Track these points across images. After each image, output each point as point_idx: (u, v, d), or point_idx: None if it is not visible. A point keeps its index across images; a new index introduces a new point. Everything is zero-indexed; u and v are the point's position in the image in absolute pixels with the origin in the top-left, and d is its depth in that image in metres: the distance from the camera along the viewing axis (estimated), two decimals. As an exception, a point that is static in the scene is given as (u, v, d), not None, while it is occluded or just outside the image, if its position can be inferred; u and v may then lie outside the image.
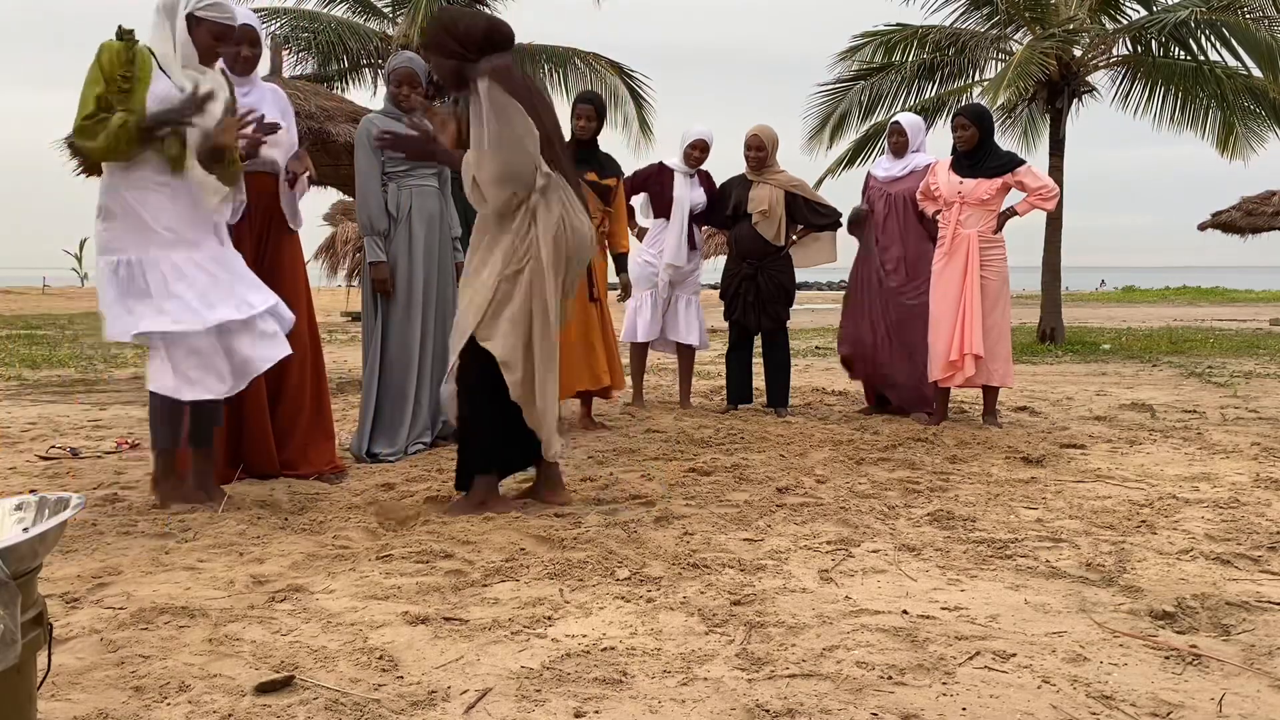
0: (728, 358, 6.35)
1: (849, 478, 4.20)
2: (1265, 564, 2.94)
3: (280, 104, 4.28)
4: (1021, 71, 10.80)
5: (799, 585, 2.73)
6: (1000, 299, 5.56)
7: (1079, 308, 24.89)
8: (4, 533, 1.59)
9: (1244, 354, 10.89)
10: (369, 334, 4.83)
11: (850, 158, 13.99)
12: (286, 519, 3.44)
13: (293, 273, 4.28)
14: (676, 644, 2.28)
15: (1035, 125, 13.71)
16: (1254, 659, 2.21)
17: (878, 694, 2.00)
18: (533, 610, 2.50)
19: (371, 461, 4.61)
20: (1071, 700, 1.99)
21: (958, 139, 5.62)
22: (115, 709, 1.94)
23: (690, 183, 6.14)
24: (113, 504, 3.68)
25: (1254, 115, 12.24)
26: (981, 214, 5.54)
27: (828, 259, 6.42)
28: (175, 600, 2.57)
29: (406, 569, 2.87)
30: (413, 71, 4.73)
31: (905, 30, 12.82)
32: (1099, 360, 10.46)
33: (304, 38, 12.68)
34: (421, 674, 2.12)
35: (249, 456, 4.17)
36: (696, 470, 4.29)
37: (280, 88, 4.38)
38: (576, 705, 1.96)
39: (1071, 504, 3.72)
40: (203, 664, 2.16)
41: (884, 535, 3.27)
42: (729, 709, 1.94)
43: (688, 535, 3.24)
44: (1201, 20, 11.46)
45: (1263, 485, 4.02)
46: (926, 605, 2.57)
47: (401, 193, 4.73)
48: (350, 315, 20.93)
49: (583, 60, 13.51)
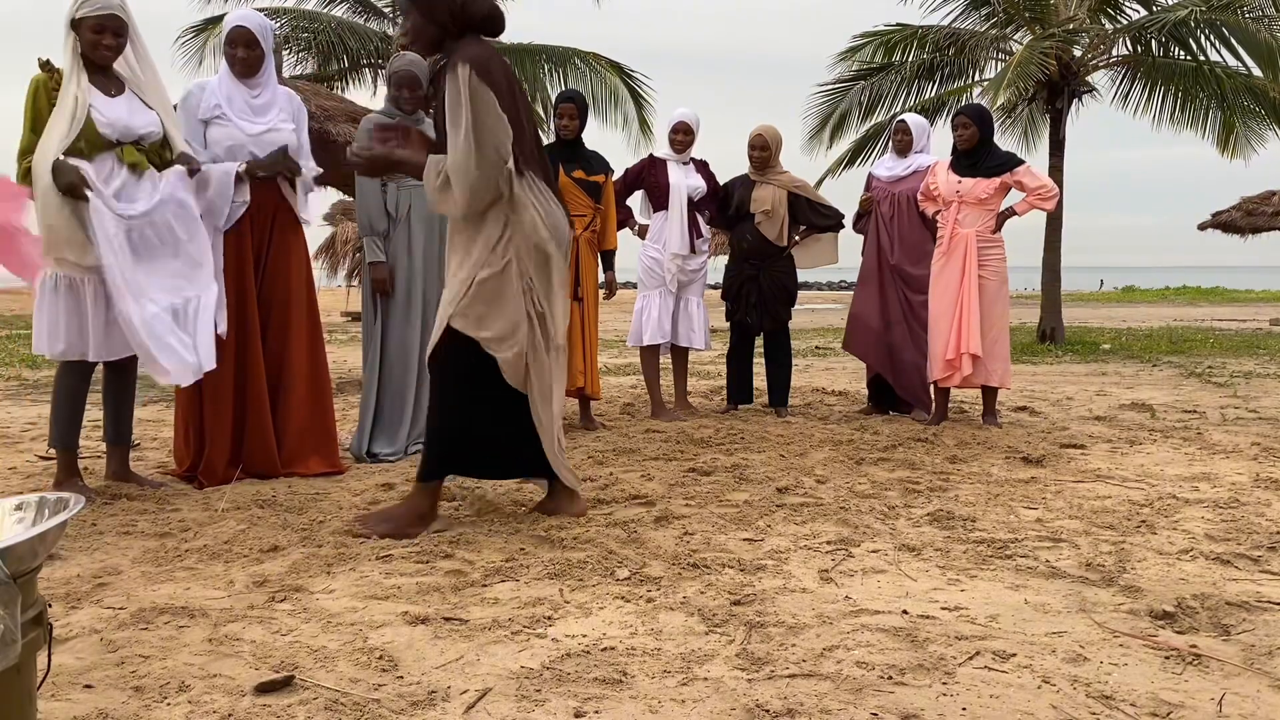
0: (728, 358, 6.34)
1: (849, 478, 4.20)
2: (1265, 564, 2.94)
3: (293, 107, 4.30)
4: (1021, 71, 10.81)
5: (799, 585, 2.73)
6: (999, 299, 5.56)
7: (1079, 308, 24.89)
8: (4, 533, 1.59)
9: (1244, 354, 10.89)
10: (369, 334, 4.84)
11: (850, 158, 14.01)
12: (286, 519, 3.45)
13: (295, 273, 4.28)
14: (676, 644, 2.28)
15: (1035, 125, 13.72)
16: (1254, 659, 2.21)
17: (878, 694, 2.00)
18: (533, 610, 2.50)
19: (371, 461, 4.61)
20: (1071, 700, 1.99)
21: (958, 138, 5.62)
22: (115, 709, 1.94)
23: (684, 169, 6.01)
24: (113, 504, 3.68)
25: (1254, 115, 12.24)
26: (980, 214, 5.54)
27: (829, 260, 6.40)
28: (175, 600, 2.57)
29: (406, 569, 2.87)
30: (413, 74, 4.73)
31: (905, 30, 12.83)
32: (1099, 360, 10.46)
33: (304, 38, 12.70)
34: (421, 674, 2.12)
35: (249, 456, 4.17)
36: (696, 470, 4.29)
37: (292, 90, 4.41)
38: (576, 705, 1.96)
39: (1071, 504, 3.72)
40: (203, 664, 2.16)
41: (884, 535, 3.27)
42: (729, 709, 1.94)
43: (688, 535, 3.24)
44: (1201, 20, 11.46)
45: (1263, 485, 4.02)
46: (926, 605, 2.57)
47: (401, 193, 4.74)
48: (350, 315, 20.94)
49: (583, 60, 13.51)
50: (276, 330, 4.25)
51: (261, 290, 4.21)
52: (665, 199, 5.95)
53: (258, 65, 4.16)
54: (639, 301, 6.09)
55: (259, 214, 4.16)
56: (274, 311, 4.24)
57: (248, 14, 4.24)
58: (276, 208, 4.21)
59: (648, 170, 6.04)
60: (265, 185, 4.14)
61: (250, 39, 4.12)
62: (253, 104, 4.16)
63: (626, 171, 6.07)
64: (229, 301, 4.08)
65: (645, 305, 6.04)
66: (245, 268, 4.14)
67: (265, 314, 4.23)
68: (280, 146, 4.14)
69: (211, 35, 12.15)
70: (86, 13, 3.64)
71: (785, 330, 6.23)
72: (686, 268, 6.01)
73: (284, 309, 4.25)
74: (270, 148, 4.14)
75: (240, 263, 4.12)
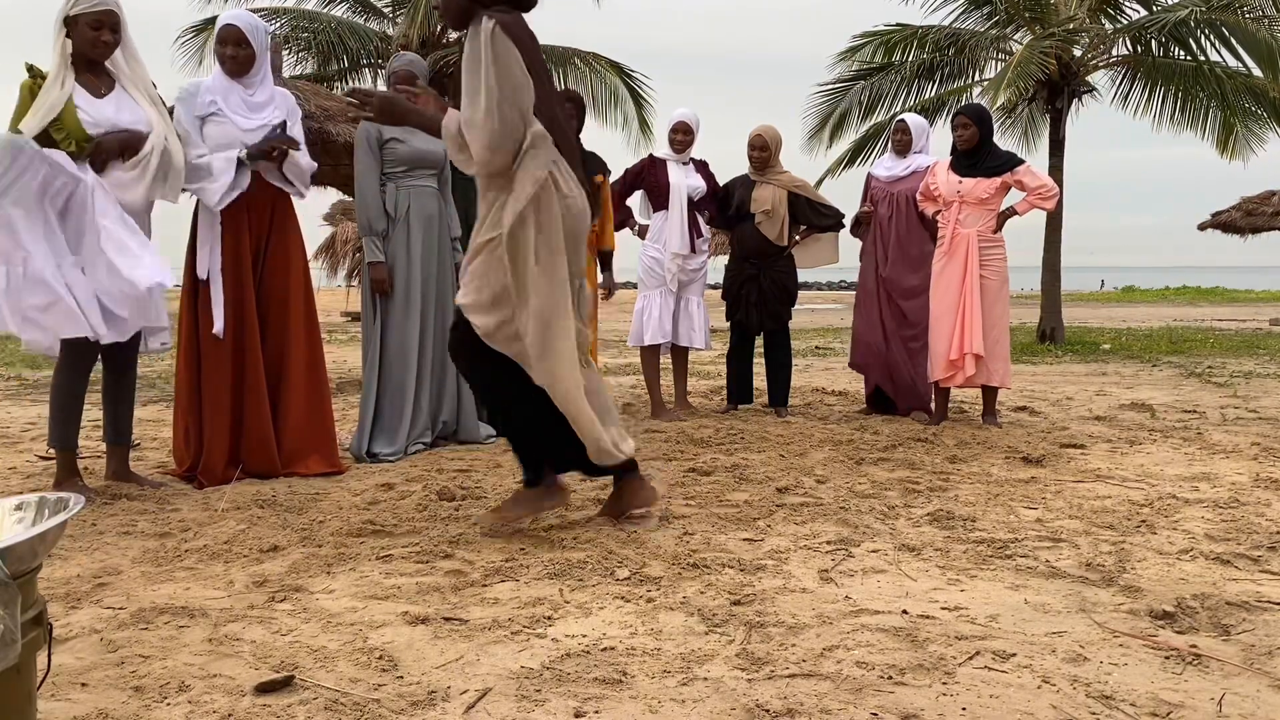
0: (728, 358, 6.34)
1: (849, 478, 4.20)
2: (1265, 564, 2.94)
3: (287, 105, 4.30)
4: (1021, 71, 10.80)
5: (799, 585, 2.73)
6: (1000, 298, 5.56)
7: (1079, 308, 24.90)
8: (4, 533, 1.59)
9: (1244, 354, 10.89)
10: (368, 334, 4.84)
11: (850, 158, 14.01)
12: (286, 519, 3.45)
13: (294, 273, 4.28)
14: (676, 644, 2.28)
15: (1035, 125, 13.72)
16: (1254, 659, 2.21)
17: (878, 694, 2.00)
18: (533, 610, 2.50)
19: (371, 461, 4.61)
20: (1071, 700, 1.99)
21: (958, 138, 5.62)
22: (115, 709, 1.94)
23: (684, 169, 6.01)
24: (113, 504, 3.68)
25: (1254, 115, 12.24)
26: (981, 213, 5.54)
27: (830, 260, 6.40)
28: (175, 600, 2.57)
29: (406, 569, 2.87)
30: (413, 74, 4.73)
31: (905, 30, 12.83)
32: (1099, 360, 10.46)
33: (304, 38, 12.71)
34: (421, 674, 2.12)
35: (249, 456, 4.17)
36: (696, 470, 4.29)
37: (287, 90, 4.40)
38: (576, 705, 1.96)
39: (1071, 504, 3.72)
40: (203, 664, 2.16)
41: (884, 535, 3.27)
42: (729, 709, 1.94)
43: (688, 535, 3.24)
44: (1201, 20, 11.46)
45: (1263, 485, 4.02)
46: (926, 605, 2.56)
47: (400, 193, 4.74)
48: (350, 315, 20.95)
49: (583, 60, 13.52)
50: (275, 330, 4.25)
51: (260, 290, 4.21)
52: (665, 199, 5.95)
53: (248, 64, 4.15)
54: (639, 302, 6.09)
55: (257, 214, 4.16)
56: (272, 311, 4.24)
57: (239, 13, 4.24)
58: (274, 208, 4.21)
59: (648, 170, 6.04)
60: (262, 185, 4.14)
61: (240, 37, 4.12)
62: (248, 101, 4.16)
63: (626, 172, 6.08)
64: (226, 301, 4.08)
65: (645, 305, 6.04)
66: (243, 268, 4.13)
67: (264, 313, 4.22)
68: (279, 123, 4.13)
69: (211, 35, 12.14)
70: (84, 9, 3.65)
71: (785, 330, 6.23)
72: (687, 268, 6.01)
73: (282, 308, 4.25)
74: None
75: (238, 263, 4.12)
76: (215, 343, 4.08)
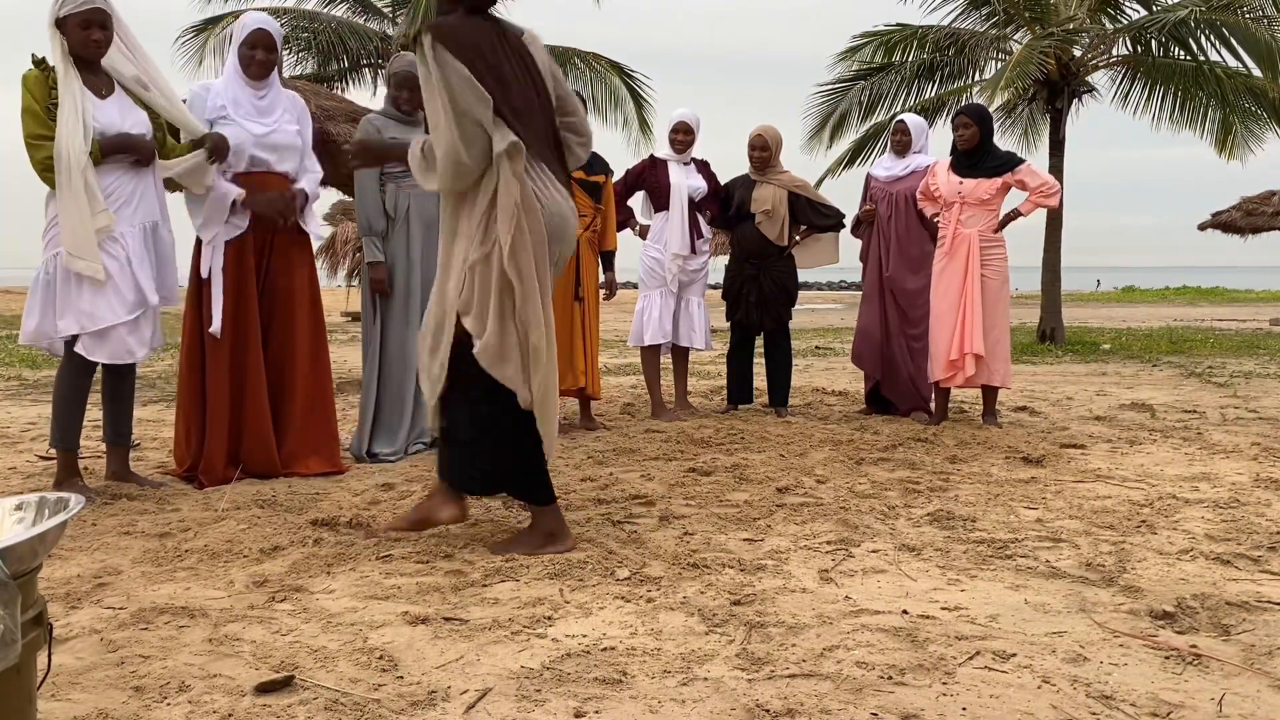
0: (729, 358, 6.34)
1: (849, 478, 4.20)
2: (1265, 564, 2.94)
3: (296, 108, 4.31)
4: (1020, 71, 10.80)
5: (799, 585, 2.73)
6: (1001, 298, 5.56)
7: (1079, 308, 24.89)
8: (4, 533, 1.59)
9: (1244, 354, 10.89)
10: (368, 334, 4.84)
11: (850, 158, 14.00)
12: (286, 519, 3.44)
13: (299, 272, 4.28)
14: (676, 644, 2.28)
15: (1035, 125, 13.71)
16: (1254, 659, 2.21)
17: (878, 694, 2.00)
18: (533, 610, 2.50)
19: (371, 461, 4.61)
20: (1071, 700, 1.99)
21: (959, 138, 5.62)
22: (115, 709, 1.94)
23: (685, 170, 6.01)
24: (113, 504, 3.68)
25: (1253, 115, 12.23)
26: (982, 214, 5.54)
27: (830, 260, 6.40)
28: (175, 600, 2.57)
29: (406, 569, 2.87)
30: (413, 75, 4.72)
31: (905, 30, 12.82)
32: (1099, 360, 10.46)
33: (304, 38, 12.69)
34: (421, 674, 2.12)
35: (249, 456, 4.17)
36: (696, 470, 4.29)
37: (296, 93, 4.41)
38: (576, 705, 1.96)
39: (1071, 504, 3.72)
40: (203, 664, 2.16)
41: (884, 535, 3.27)
42: (729, 709, 1.94)
43: (688, 535, 3.24)
44: (1201, 20, 11.46)
45: (1263, 485, 4.02)
46: (926, 605, 2.57)
47: (400, 194, 4.73)
48: (350, 315, 20.95)
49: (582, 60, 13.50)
50: (279, 329, 4.25)
51: (264, 289, 4.21)
52: (666, 199, 5.95)
53: (272, 69, 4.18)
54: (640, 302, 6.09)
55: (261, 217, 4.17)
56: (277, 310, 4.24)
57: (265, 17, 4.25)
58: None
59: (648, 171, 6.04)
60: (267, 187, 4.14)
61: (271, 43, 4.14)
62: (258, 105, 4.16)
63: (627, 172, 6.08)
64: (226, 301, 4.08)
65: (646, 305, 6.04)
66: (245, 268, 4.13)
67: (268, 313, 4.23)
68: (280, 193, 4.15)
69: (211, 35, 12.13)
70: (71, 10, 3.64)
71: (785, 330, 6.23)
72: (687, 268, 6.01)
73: (287, 308, 4.25)
74: (274, 148, 4.15)
75: (240, 263, 4.12)
76: (217, 342, 4.08)
